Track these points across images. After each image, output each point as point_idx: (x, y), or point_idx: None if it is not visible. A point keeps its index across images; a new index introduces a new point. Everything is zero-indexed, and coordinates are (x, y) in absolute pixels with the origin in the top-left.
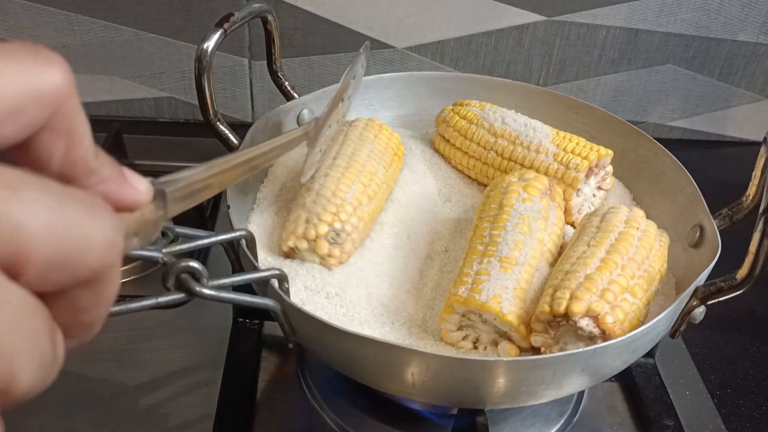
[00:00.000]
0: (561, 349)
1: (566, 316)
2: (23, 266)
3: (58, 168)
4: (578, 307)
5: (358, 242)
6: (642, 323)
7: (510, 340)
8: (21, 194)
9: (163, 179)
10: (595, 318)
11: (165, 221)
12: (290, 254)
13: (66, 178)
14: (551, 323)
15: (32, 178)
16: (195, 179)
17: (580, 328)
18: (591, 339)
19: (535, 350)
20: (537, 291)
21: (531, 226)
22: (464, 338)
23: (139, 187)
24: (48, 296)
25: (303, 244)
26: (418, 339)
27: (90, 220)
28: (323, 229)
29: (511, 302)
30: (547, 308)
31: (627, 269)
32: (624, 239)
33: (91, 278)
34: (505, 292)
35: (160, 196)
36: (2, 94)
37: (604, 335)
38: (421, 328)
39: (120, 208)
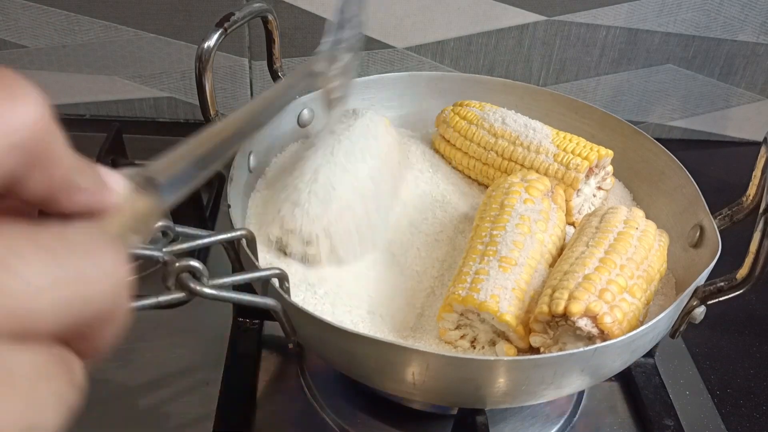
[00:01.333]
0: (560, 349)
1: (565, 316)
2: (30, 332)
3: (42, 196)
4: (576, 308)
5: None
6: (641, 323)
7: (508, 340)
8: (13, 266)
9: (149, 166)
10: (594, 318)
11: (163, 209)
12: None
13: (47, 201)
14: (550, 323)
15: (19, 240)
16: (182, 154)
17: (579, 328)
18: (590, 339)
19: (534, 350)
20: (536, 292)
21: (531, 227)
22: (462, 337)
23: (115, 187)
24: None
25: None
26: (416, 338)
27: (91, 266)
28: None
29: (509, 302)
30: (545, 308)
31: (626, 269)
32: (623, 239)
33: (101, 317)
34: (503, 292)
35: (150, 184)
36: None
37: (603, 335)
38: (419, 328)
39: (103, 213)
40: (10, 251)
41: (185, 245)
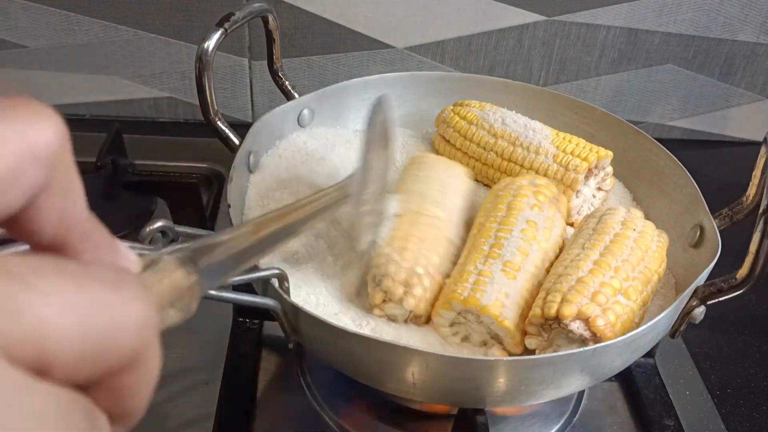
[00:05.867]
0: (554, 352)
1: (557, 319)
2: (51, 364)
3: (54, 234)
4: (568, 311)
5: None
6: (636, 325)
7: (500, 343)
8: (35, 285)
9: (190, 245)
10: (586, 321)
11: (204, 291)
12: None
13: (60, 245)
14: (544, 326)
15: (43, 263)
16: (221, 246)
17: (571, 331)
18: (582, 342)
19: (529, 353)
20: (532, 297)
21: (537, 235)
22: (454, 334)
23: (131, 258)
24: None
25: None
26: (409, 329)
27: (117, 300)
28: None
29: (509, 308)
30: (538, 311)
31: (621, 271)
32: (619, 241)
33: (128, 363)
34: (505, 297)
35: (189, 261)
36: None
37: (595, 338)
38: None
39: None
40: (30, 269)
41: (185, 245)
